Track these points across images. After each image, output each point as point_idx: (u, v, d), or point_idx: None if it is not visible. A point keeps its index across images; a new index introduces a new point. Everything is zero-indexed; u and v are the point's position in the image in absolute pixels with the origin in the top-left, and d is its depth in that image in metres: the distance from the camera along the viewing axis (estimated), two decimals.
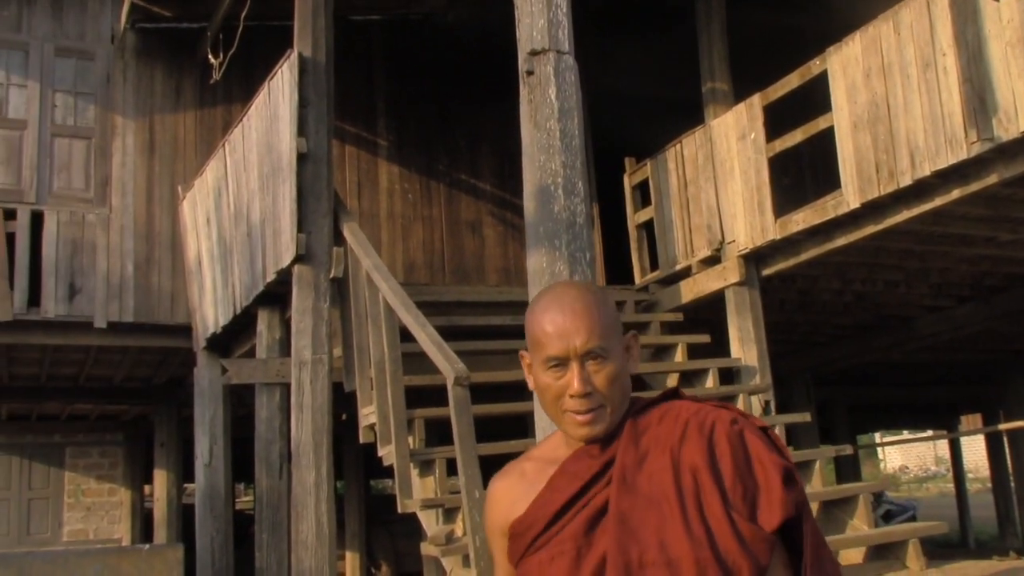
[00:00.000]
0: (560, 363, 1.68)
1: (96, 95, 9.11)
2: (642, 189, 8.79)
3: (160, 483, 11.58)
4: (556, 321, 1.69)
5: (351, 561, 12.16)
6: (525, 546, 1.70)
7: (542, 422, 3.90)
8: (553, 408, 1.71)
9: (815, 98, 7.26)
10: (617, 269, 9.55)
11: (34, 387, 11.23)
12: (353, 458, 12.22)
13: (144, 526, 13.04)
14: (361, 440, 6.17)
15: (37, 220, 8.60)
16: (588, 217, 3.96)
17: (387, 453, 5.72)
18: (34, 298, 8.48)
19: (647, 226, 8.75)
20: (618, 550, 1.60)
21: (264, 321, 7.22)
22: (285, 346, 7.09)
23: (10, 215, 8.50)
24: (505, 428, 6.81)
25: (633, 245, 8.79)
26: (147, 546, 7.00)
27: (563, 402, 1.68)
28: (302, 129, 6.50)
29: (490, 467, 4.95)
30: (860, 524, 5.94)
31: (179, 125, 9.39)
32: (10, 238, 8.46)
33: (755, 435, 1.69)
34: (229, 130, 8.18)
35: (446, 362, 4.96)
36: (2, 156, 8.67)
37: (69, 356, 10.01)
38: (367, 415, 6.08)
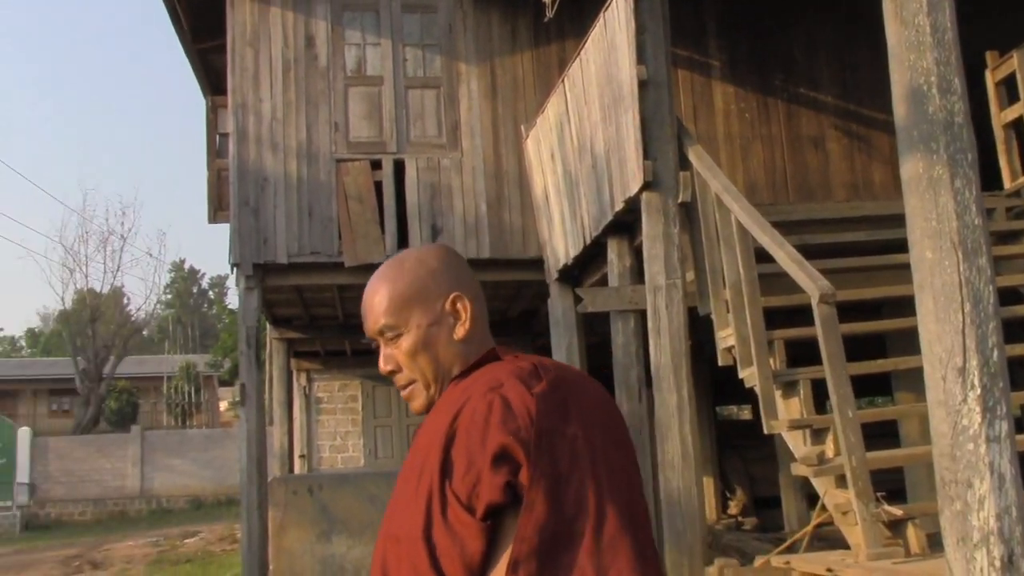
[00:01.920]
0: (376, 344, 1.71)
1: (440, 45, 9.65)
2: (1008, 84, 7.98)
3: None
4: (362, 304, 1.72)
5: (705, 486, 12.28)
6: None
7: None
8: None
9: None
10: (982, 173, 8.77)
11: None
12: (700, 383, 12.26)
13: None
14: (720, 363, 6.17)
15: (399, 168, 9.31)
16: (967, 116, 3.65)
17: (749, 375, 5.68)
18: (402, 240, 9.21)
19: (1015, 125, 7.95)
20: (384, 519, 1.62)
21: (614, 250, 7.36)
22: (636, 273, 7.21)
23: (376, 165, 9.28)
24: (860, 348, 6.54)
25: (1001, 147, 8.01)
26: None
27: None
28: (641, 56, 6.49)
29: (857, 386, 4.77)
30: None
31: (517, 66, 9.73)
32: (377, 186, 9.24)
33: (499, 407, 1.50)
34: (566, 66, 8.35)
35: (809, 280, 4.82)
36: (365, 111, 9.42)
37: None
38: (725, 338, 6.06)
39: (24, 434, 27.19)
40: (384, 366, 1.71)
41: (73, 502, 26.64)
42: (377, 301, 1.70)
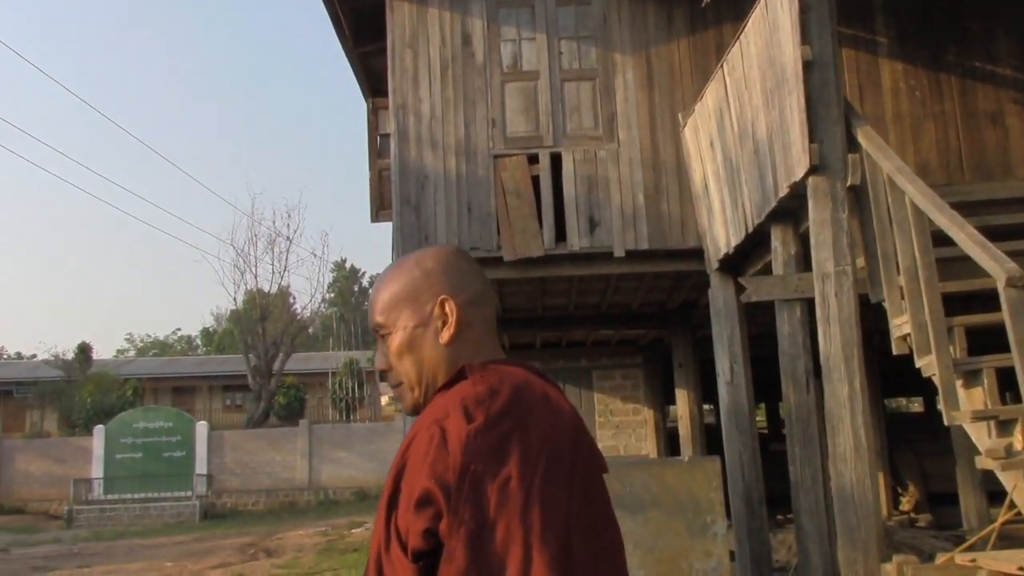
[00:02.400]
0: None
1: (596, 37, 9.62)
2: None
3: (682, 402, 12.12)
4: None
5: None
6: None
7: None
8: None
9: None
10: None
11: (563, 316, 12.30)
12: (869, 374, 11.83)
13: (668, 443, 13.77)
14: (894, 351, 5.92)
15: (556, 161, 9.34)
16: None
17: (926, 364, 5.43)
18: (560, 233, 9.24)
19: None
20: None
21: (778, 237, 7.17)
22: (801, 261, 7.00)
23: (532, 159, 9.34)
24: None
25: None
26: (687, 458, 7.36)
27: None
28: (805, 36, 6.29)
29: None
30: None
31: (673, 54, 9.61)
32: (535, 180, 9.29)
33: (436, 444, 1.43)
34: (725, 51, 8.18)
35: (995, 262, 4.57)
36: (521, 106, 9.49)
37: (592, 285, 10.79)
38: (899, 326, 5.81)
39: (202, 428, 28.71)
40: (378, 364, 1.70)
41: (247, 492, 27.92)
42: (375, 299, 1.69)
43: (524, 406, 1.48)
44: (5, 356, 64.35)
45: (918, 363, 5.57)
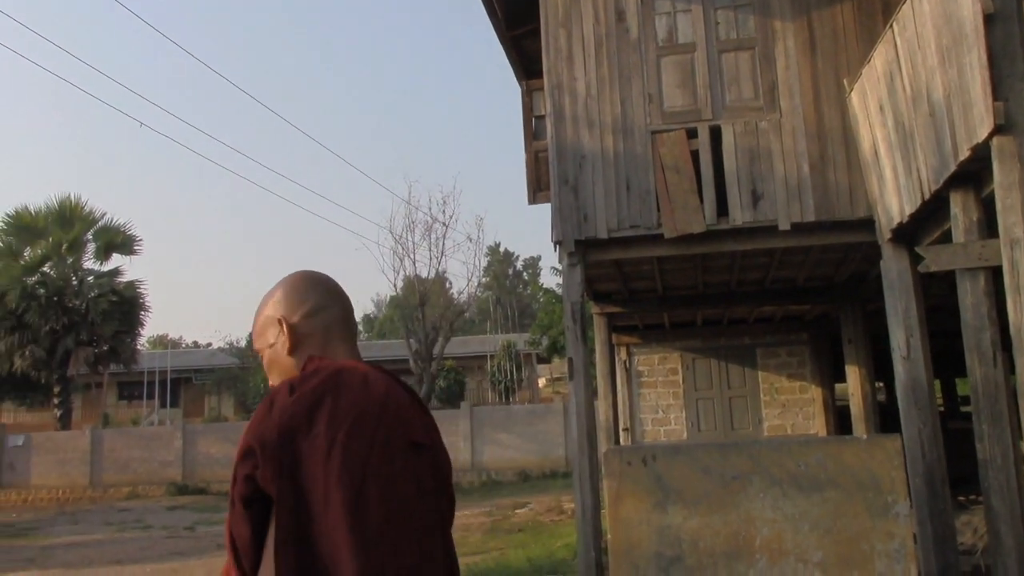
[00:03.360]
0: None
1: (754, 5, 9.33)
2: None
3: (853, 379, 11.69)
4: None
5: None
6: None
7: None
8: None
9: None
10: None
11: (725, 293, 12.06)
12: None
13: (838, 421, 13.33)
14: None
15: (715, 135, 9.13)
16: None
17: None
18: (721, 208, 9.03)
19: None
20: None
21: (958, 203, 6.80)
22: (984, 228, 6.62)
23: (691, 134, 9.15)
24: None
25: None
26: (865, 437, 7.10)
27: None
28: None
29: None
30: None
31: (836, 18, 9.23)
32: (694, 155, 9.10)
33: (262, 410, 1.78)
34: (894, 11, 7.80)
35: None
36: (678, 80, 9.31)
37: (755, 261, 10.53)
38: None
39: None
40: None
41: None
42: (252, 329, 2.14)
43: (338, 382, 1.82)
44: (184, 345, 68.09)
45: None
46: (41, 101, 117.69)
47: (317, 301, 2.03)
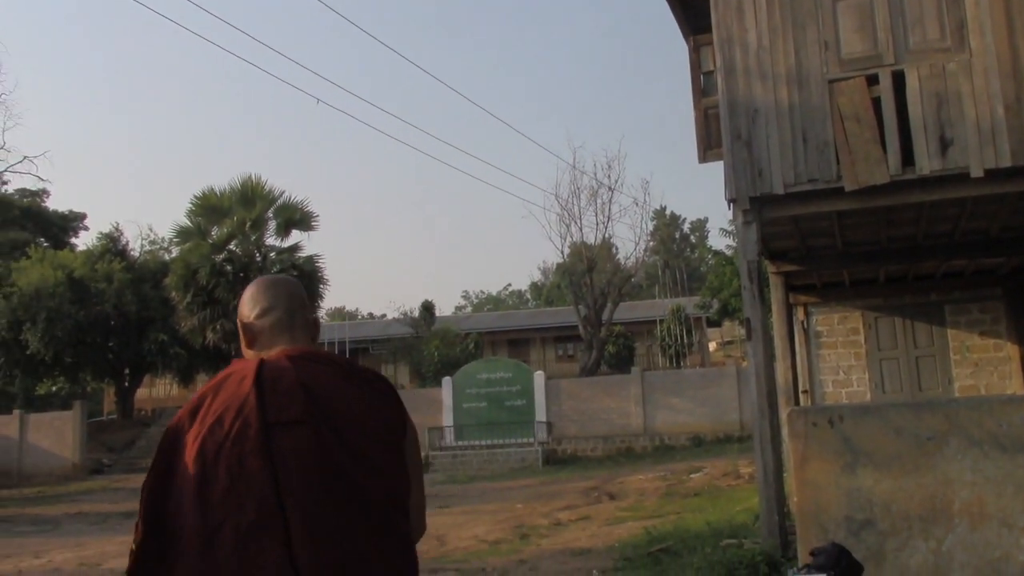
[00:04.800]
0: None
1: None
2: None
3: None
4: None
5: None
6: None
7: None
8: None
9: None
10: None
11: (910, 247, 11.48)
12: None
13: None
14: None
15: (899, 80, 8.65)
16: None
17: None
18: (907, 157, 8.57)
19: None
20: None
21: None
22: None
23: (872, 80, 8.70)
24: None
25: None
26: None
27: None
28: None
29: None
30: None
31: None
32: (875, 103, 8.66)
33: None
34: None
35: None
36: (856, 24, 8.86)
37: (943, 212, 9.97)
38: None
39: (539, 377, 29.91)
40: None
41: (584, 439, 28.78)
42: None
43: (218, 385, 2.22)
44: (360, 317, 70.53)
45: None
46: (226, 86, 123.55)
47: (265, 304, 2.41)
